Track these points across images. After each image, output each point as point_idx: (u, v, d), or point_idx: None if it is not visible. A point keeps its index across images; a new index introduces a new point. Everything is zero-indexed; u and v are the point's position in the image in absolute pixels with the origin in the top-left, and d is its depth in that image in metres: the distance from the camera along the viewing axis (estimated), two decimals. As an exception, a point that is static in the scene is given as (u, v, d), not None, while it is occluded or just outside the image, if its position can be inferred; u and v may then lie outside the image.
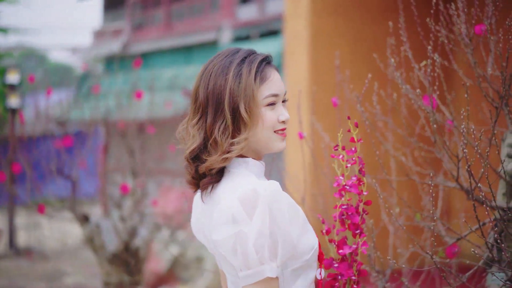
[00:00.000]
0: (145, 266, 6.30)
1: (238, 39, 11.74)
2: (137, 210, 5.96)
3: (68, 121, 10.31)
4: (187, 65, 12.94)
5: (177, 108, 10.21)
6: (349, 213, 2.03)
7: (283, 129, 2.10)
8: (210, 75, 2.09)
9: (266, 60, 2.11)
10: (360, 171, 2.04)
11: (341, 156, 2.04)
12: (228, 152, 2.05)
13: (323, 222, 2.06)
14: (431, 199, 2.10)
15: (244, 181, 2.05)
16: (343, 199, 2.04)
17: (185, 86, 11.18)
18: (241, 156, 2.12)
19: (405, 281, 2.81)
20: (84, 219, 5.59)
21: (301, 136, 2.89)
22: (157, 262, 9.26)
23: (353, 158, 2.03)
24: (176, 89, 11.66)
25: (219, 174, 2.11)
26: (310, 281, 2.07)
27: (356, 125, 2.05)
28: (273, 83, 2.08)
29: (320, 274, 2.10)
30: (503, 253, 2.11)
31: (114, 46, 14.55)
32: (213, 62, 2.12)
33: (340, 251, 2.01)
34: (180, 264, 9.56)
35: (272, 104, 2.07)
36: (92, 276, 10.55)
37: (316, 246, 2.06)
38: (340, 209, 2.04)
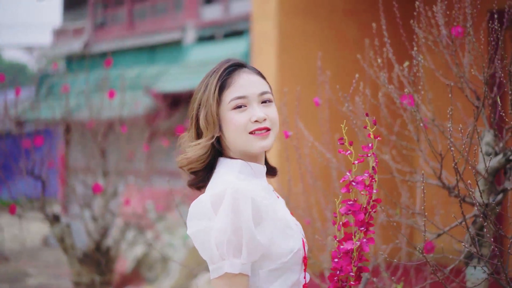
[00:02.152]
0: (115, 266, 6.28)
1: (202, 39, 11.73)
2: (107, 209, 5.94)
3: (28, 120, 10.17)
4: (150, 65, 12.88)
5: (142, 107, 10.18)
6: (354, 210, 2.03)
7: (259, 129, 2.13)
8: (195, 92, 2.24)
9: (233, 67, 2.18)
10: (373, 168, 2.05)
11: (348, 152, 2.05)
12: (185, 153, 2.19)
13: (335, 215, 2.08)
14: (423, 197, 2.16)
15: (222, 180, 2.11)
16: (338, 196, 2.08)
17: (148, 86, 11.15)
18: (233, 158, 2.18)
19: (388, 275, 2.88)
20: (54, 219, 5.54)
21: (286, 135, 2.94)
22: (123, 262, 9.23)
23: (369, 155, 2.04)
24: (139, 89, 11.61)
25: (206, 176, 2.20)
26: (290, 284, 2.10)
27: (375, 123, 2.10)
28: (238, 86, 2.13)
29: (304, 278, 2.16)
30: (492, 247, 2.18)
31: (75, 45, 14.41)
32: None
33: (342, 246, 2.05)
34: (145, 264, 9.55)
35: (240, 107, 2.12)
36: (55, 277, 10.46)
37: (296, 250, 2.10)
38: (345, 205, 2.04)
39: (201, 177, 2.20)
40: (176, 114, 9.14)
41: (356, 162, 2.02)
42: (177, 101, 10.06)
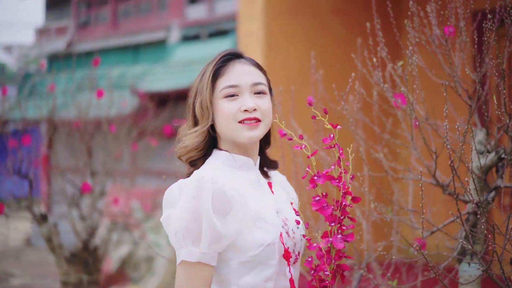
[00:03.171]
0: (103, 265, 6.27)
1: (187, 38, 11.72)
2: (95, 209, 5.93)
3: (11, 119, 10.10)
4: (134, 64, 12.85)
5: (126, 107, 10.14)
6: (322, 206, 1.98)
7: (248, 119, 2.13)
8: None
9: (230, 56, 2.19)
10: (338, 159, 2.01)
11: (303, 146, 2.06)
12: (180, 142, 2.20)
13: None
14: (421, 194, 2.19)
15: (200, 170, 2.15)
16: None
17: (134, 85, 11.11)
18: (222, 150, 2.21)
19: (383, 271, 2.91)
20: (42, 219, 5.52)
21: (282, 135, 2.95)
22: (107, 262, 9.20)
23: (332, 146, 2.01)
24: (123, 88, 11.57)
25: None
26: (264, 278, 2.08)
27: (326, 112, 2.09)
28: (232, 75, 2.14)
29: (289, 272, 2.14)
30: (485, 244, 2.22)
31: (58, 45, 14.35)
32: None
33: (315, 244, 1.99)
34: (130, 263, 9.52)
35: (231, 95, 2.13)
36: (39, 277, 10.40)
37: (267, 243, 2.07)
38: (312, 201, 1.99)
39: (199, 168, 2.20)
40: (160, 114, 9.13)
41: (311, 155, 1.99)
42: (162, 101, 10.05)
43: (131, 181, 9.10)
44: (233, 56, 2.20)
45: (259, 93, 2.17)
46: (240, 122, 2.13)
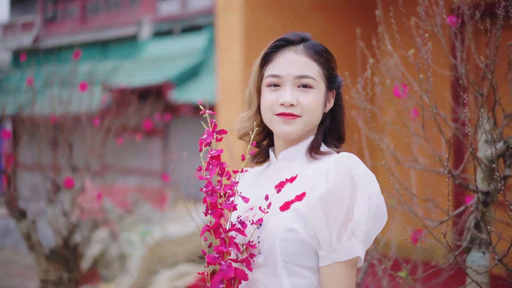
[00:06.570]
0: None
1: (159, 34, 11.60)
2: (76, 205, 5.82)
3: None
4: (103, 60, 12.67)
5: (97, 103, 10.00)
6: (208, 190, 1.87)
7: (284, 114, 2.00)
8: None
9: (282, 42, 2.10)
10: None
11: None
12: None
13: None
14: (447, 183, 2.17)
15: None
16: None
17: (105, 81, 10.95)
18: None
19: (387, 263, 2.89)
20: (20, 215, 5.39)
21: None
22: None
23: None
24: (92, 84, 11.39)
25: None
26: None
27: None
28: (277, 64, 2.05)
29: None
30: (496, 233, 2.20)
31: (24, 40, 14.09)
32: None
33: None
34: (102, 262, 9.40)
35: (274, 85, 2.04)
36: (7, 277, 10.23)
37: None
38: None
39: (262, 151, 2.21)
40: (134, 110, 9.01)
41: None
42: (139, 97, 9.93)
43: (100, 178, 8.94)
44: (286, 42, 2.09)
45: (304, 86, 2.03)
46: (277, 114, 2.02)
